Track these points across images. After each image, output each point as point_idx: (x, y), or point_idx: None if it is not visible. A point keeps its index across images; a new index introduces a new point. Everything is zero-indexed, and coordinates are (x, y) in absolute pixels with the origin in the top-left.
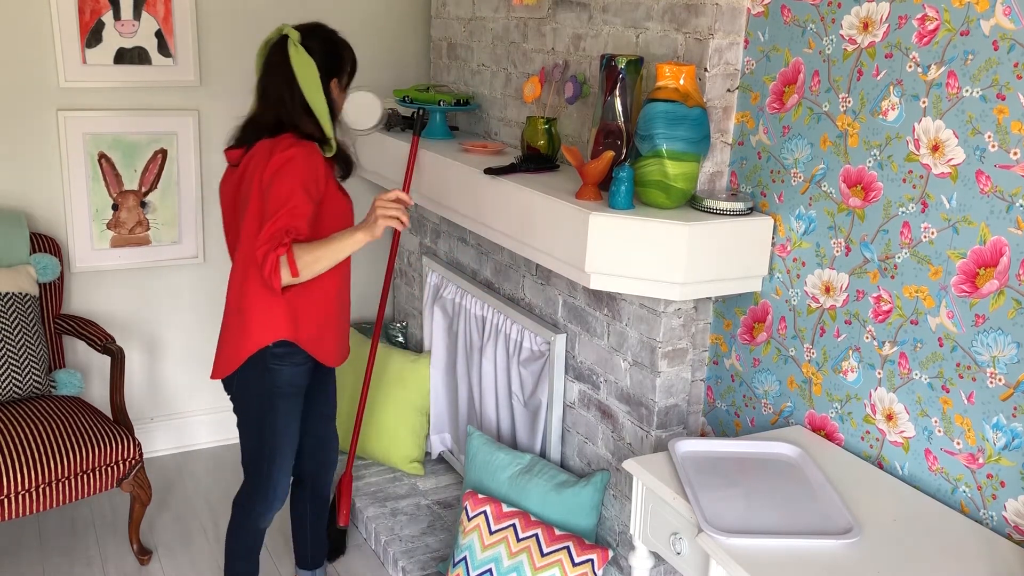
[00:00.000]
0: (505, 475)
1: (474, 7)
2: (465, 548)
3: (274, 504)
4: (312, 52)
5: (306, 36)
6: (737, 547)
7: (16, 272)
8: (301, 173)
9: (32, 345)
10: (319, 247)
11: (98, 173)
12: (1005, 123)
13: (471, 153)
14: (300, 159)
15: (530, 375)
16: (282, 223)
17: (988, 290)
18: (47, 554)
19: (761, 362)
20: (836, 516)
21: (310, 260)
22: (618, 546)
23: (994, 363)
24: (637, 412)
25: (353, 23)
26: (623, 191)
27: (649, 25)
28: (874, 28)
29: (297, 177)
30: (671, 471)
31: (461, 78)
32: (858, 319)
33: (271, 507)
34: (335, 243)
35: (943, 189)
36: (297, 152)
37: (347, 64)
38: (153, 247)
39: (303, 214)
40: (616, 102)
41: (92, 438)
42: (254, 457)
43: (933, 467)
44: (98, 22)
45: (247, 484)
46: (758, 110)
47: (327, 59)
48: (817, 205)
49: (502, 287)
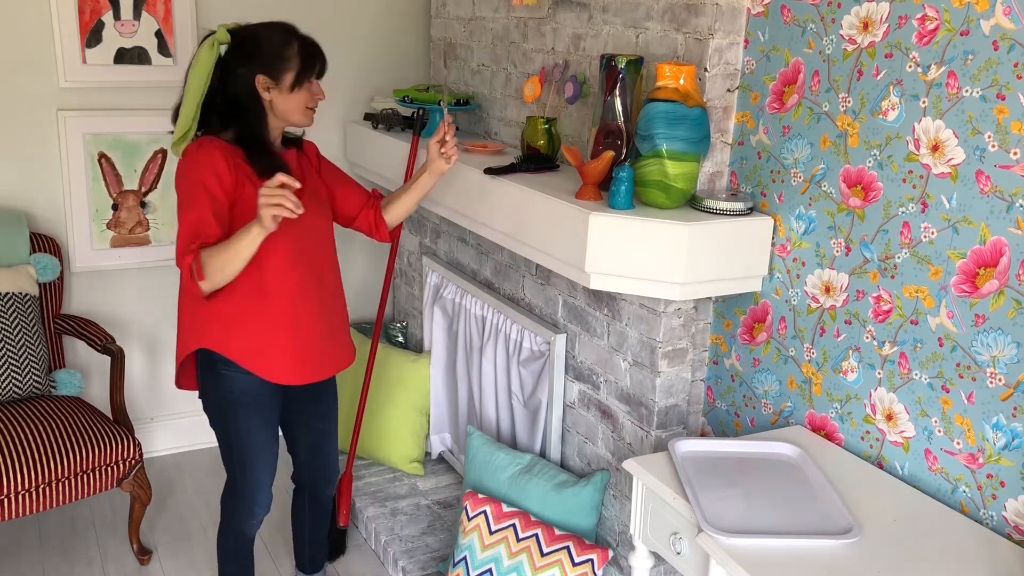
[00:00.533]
0: (505, 475)
1: (474, 7)
2: (465, 548)
3: (254, 511)
4: (232, 49)
5: (233, 33)
6: (737, 547)
7: (16, 272)
8: (192, 173)
9: (32, 345)
10: (222, 250)
11: (98, 173)
12: (1005, 123)
13: (471, 153)
14: (189, 160)
15: (530, 375)
16: (186, 229)
17: (988, 290)
18: (47, 554)
19: (761, 362)
20: (836, 516)
21: (217, 265)
22: (618, 546)
23: (994, 363)
24: (637, 412)
25: (353, 23)
26: (623, 191)
27: (649, 25)
28: (874, 28)
29: (192, 179)
30: (671, 471)
31: (461, 78)
32: (858, 319)
33: (251, 515)
34: (234, 243)
35: (943, 189)
36: (186, 153)
37: (270, 57)
38: (153, 247)
39: (205, 217)
40: (616, 102)
41: (92, 438)
42: (227, 464)
43: (933, 467)
44: (98, 22)
45: (226, 488)
46: (758, 110)
47: (241, 53)
48: (817, 205)
49: (502, 287)
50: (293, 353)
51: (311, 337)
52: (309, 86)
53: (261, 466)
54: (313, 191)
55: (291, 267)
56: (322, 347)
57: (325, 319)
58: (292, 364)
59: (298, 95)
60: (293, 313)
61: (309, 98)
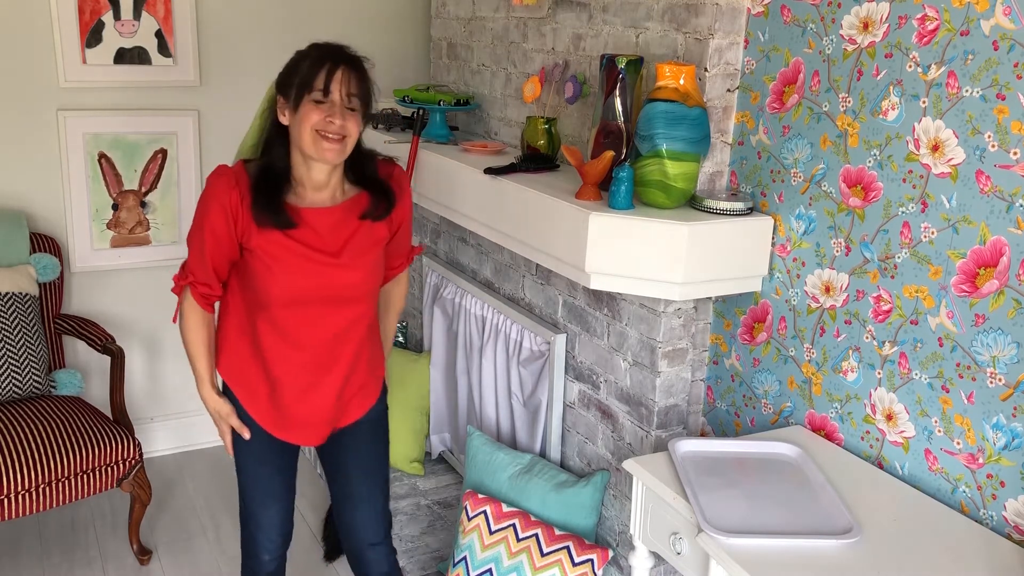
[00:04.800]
0: (505, 475)
1: (474, 7)
2: (465, 548)
3: (256, 551)
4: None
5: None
6: (737, 547)
7: (16, 272)
8: (201, 205)
9: (32, 345)
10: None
11: (98, 173)
12: (1005, 123)
13: (471, 153)
14: (206, 187)
15: (530, 375)
16: (188, 258)
17: (988, 290)
18: (47, 554)
19: (761, 362)
20: (836, 516)
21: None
22: (618, 546)
23: (994, 363)
24: (637, 412)
25: (353, 23)
26: (623, 191)
27: (649, 25)
28: (874, 28)
29: (199, 211)
30: (671, 471)
31: (461, 78)
32: (858, 319)
33: (254, 552)
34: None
35: (943, 189)
36: (208, 179)
37: (293, 77)
38: (153, 247)
39: (196, 255)
40: (616, 102)
41: (92, 438)
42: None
43: (933, 467)
44: (98, 22)
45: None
46: (758, 110)
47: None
48: (817, 205)
49: (502, 287)
50: (272, 408)
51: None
52: (316, 104)
53: (260, 505)
54: (359, 248)
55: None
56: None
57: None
58: (273, 418)
59: (303, 115)
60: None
61: (319, 119)
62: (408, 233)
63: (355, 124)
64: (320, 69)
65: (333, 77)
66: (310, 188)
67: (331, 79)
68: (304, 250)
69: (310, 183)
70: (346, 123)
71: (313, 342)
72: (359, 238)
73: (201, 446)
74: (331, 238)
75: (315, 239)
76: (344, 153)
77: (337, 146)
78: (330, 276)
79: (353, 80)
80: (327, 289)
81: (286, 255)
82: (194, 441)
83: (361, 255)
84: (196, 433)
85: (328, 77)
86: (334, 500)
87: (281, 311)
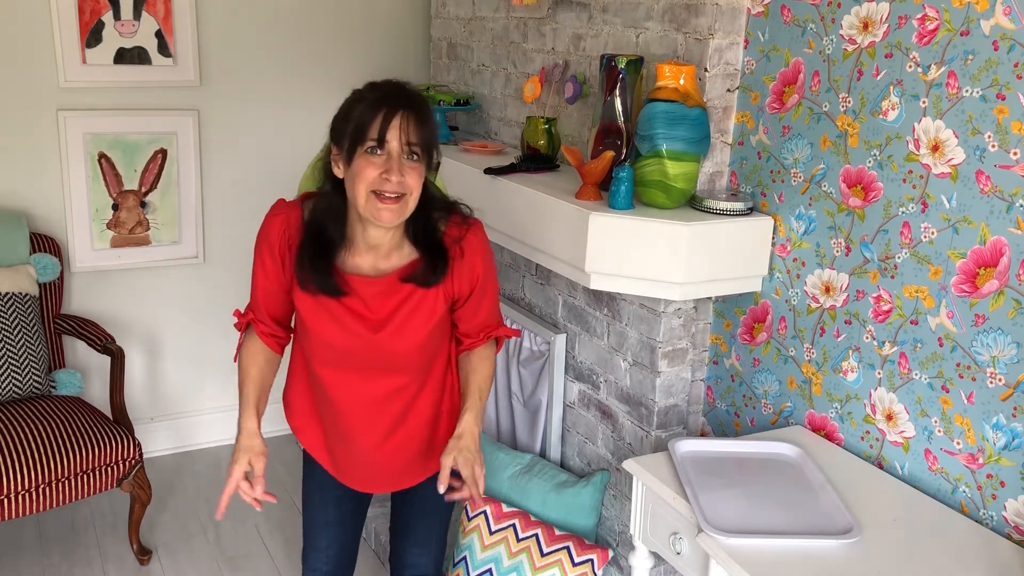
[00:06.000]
0: (505, 475)
1: (474, 7)
2: (465, 548)
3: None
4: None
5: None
6: (737, 547)
7: (16, 272)
8: (256, 242)
9: (32, 345)
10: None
11: (98, 173)
12: (1005, 123)
13: (471, 153)
14: (263, 223)
15: (530, 375)
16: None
17: (988, 290)
18: (47, 554)
19: (761, 362)
20: (836, 516)
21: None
22: (618, 546)
23: (994, 363)
24: (637, 412)
25: (353, 23)
26: (623, 191)
27: (649, 25)
28: (874, 28)
29: (256, 247)
30: (671, 471)
31: (461, 78)
32: (858, 319)
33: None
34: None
35: (943, 189)
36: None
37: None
38: (153, 247)
39: (252, 294)
40: (616, 102)
41: (92, 438)
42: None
43: (933, 467)
44: (98, 22)
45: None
46: (758, 110)
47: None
48: (817, 205)
49: (502, 287)
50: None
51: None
52: (371, 157)
53: (314, 536)
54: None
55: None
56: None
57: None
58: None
59: (356, 170)
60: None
61: (374, 177)
62: (480, 307)
63: (416, 178)
64: (375, 115)
65: (390, 124)
66: (363, 247)
67: (387, 126)
68: (345, 318)
69: (364, 243)
70: (405, 179)
71: (347, 406)
72: (409, 307)
73: (201, 446)
74: (376, 305)
75: (360, 306)
76: (404, 214)
77: (395, 206)
78: (370, 346)
79: (413, 126)
80: (365, 360)
81: (326, 319)
82: (194, 441)
83: (408, 327)
84: (196, 433)
85: (384, 124)
86: (390, 528)
87: (320, 368)
